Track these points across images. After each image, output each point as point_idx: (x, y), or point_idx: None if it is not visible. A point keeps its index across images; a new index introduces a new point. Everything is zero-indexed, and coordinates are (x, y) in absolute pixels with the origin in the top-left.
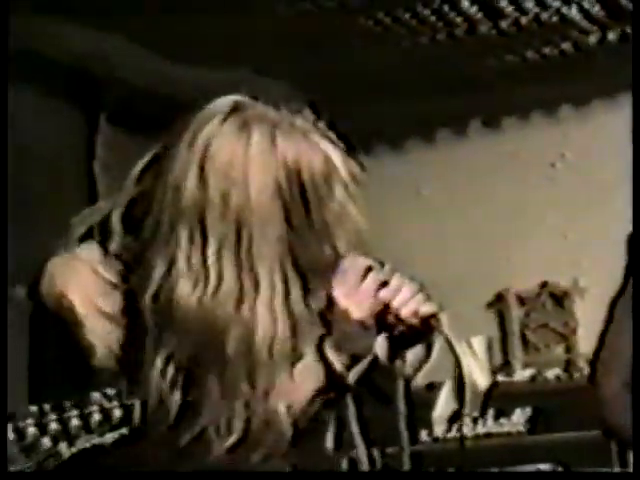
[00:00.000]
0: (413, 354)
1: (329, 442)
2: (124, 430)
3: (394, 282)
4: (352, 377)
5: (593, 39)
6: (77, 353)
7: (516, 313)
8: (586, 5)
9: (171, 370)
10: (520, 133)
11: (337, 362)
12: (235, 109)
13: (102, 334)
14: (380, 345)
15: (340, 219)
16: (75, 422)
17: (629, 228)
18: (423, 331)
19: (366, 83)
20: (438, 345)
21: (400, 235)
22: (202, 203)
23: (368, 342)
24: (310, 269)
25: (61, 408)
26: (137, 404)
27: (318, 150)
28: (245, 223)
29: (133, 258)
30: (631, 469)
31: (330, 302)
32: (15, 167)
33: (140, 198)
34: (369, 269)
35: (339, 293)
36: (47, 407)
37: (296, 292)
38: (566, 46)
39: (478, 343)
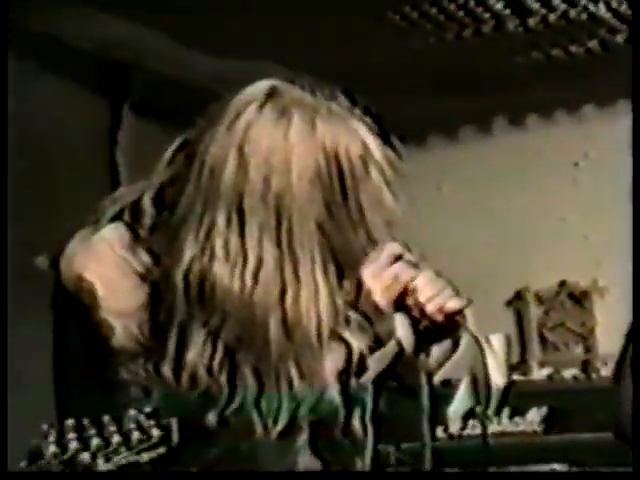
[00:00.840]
0: (438, 349)
1: (356, 423)
2: (162, 449)
3: (422, 275)
4: (374, 366)
5: (620, 38)
6: (97, 333)
7: (534, 312)
8: (614, 4)
9: (212, 350)
10: (544, 132)
11: (357, 344)
12: (272, 94)
13: (121, 316)
14: (406, 336)
15: (375, 206)
16: (116, 439)
17: None
18: (448, 327)
19: (391, 78)
20: (463, 341)
21: (419, 231)
22: (241, 188)
23: (388, 327)
24: (343, 256)
25: (100, 423)
26: (174, 423)
27: (355, 135)
28: (286, 209)
29: (163, 241)
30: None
31: (358, 284)
32: (37, 153)
33: (172, 181)
34: (400, 257)
35: (366, 272)
36: (86, 421)
37: (334, 280)
38: (593, 44)
39: (497, 341)
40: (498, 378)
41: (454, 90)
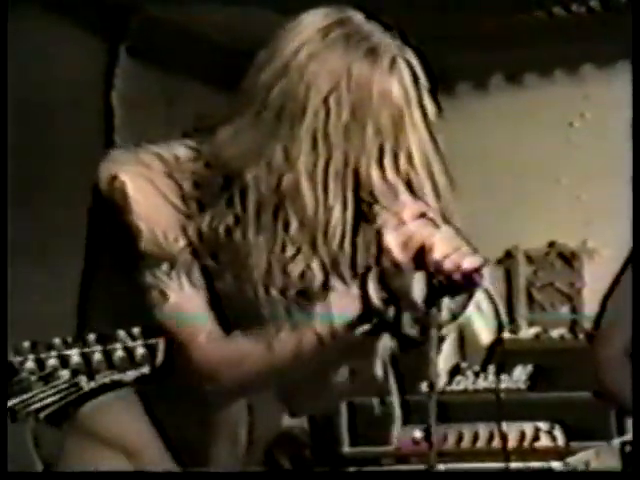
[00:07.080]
0: (450, 304)
1: (378, 370)
2: (146, 369)
3: (440, 232)
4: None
5: None
6: (126, 237)
7: (523, 271)
8: None
9: None
10: (541, 90)
11: (376, 296)
12: (338, 23)
13: (151, 217)
14: (417, 288)
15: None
16: (97, 357)
17: None
18: (465, 284)
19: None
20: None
21: None
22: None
23: (406, 282)
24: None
25: (84, 342)
26: (161, 344)
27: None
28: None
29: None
30: (629, 434)
31: (379, 236)
32: (34, 94)
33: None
34: (422, 215)
35: (387, 228)
36: (70, 339)
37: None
38: (594, 3)
39: (484, 298)
40: (484, 335)
41: (452, 45)
